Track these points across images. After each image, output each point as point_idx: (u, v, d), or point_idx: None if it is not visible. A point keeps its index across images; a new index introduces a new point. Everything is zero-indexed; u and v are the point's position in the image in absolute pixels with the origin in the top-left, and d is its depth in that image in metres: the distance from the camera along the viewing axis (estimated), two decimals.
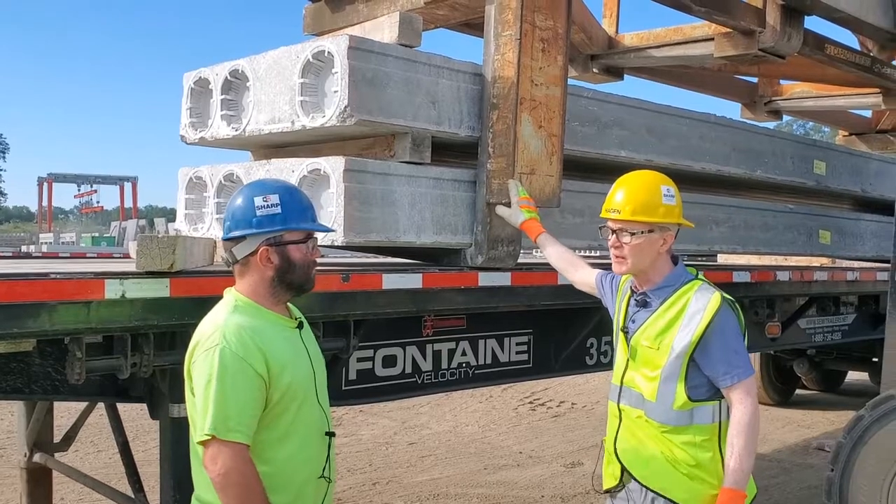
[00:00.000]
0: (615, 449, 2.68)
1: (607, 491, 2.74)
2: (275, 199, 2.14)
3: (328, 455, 2.24)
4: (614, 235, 2.62)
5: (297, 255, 2.17)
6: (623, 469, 2.65)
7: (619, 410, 2.68)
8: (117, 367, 2.70)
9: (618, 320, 2.75)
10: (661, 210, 2.57)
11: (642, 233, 2.56)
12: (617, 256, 2.63)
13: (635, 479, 2.61)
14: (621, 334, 2.70)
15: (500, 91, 3.42)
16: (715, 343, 2.48)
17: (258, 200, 2.13)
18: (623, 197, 2.60)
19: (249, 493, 1.99)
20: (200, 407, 2.01)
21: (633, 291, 2.70)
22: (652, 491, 2.57)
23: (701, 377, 2.51)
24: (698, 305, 2.51)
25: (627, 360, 2.66)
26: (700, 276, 2.64)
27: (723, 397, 2.52)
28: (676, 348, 2.50)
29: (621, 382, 2.68)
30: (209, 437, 1.98)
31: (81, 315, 2.45)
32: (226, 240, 2.18)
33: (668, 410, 2.52)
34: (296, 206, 2.18)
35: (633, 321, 2.66)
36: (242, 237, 2.14)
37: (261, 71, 3.43)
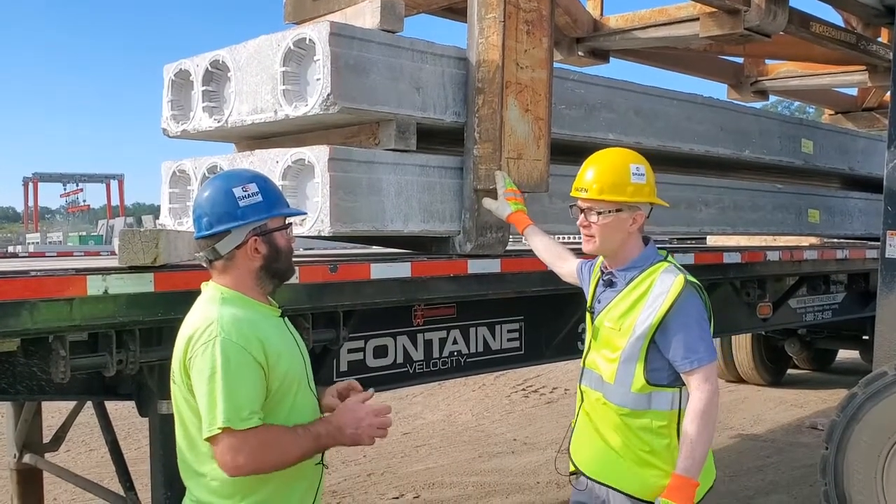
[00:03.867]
0: (570, 444, 2.67)
1: (572, 473, 2.72)
2: (253, 187, 2.10)
3: None
4: (583, 214, 2.59)
5: (282, 242, 2.16)
6: None
7: (581, 392, 2.65)
8: (103, 365, 2.65)
9: (587, 301, 2.72)
10: (629, 189, 2.54)
11: (610, 212, 2.54)
12: (586, 235, 2.60)
13: (586, 476, 2.60)
14: (588, 315, 2.68)
15: (484, 75, 3.38)
16: (676, 326, 2.43)
17: (237, 191, 2.09)
18: (592, 176, 2.57)
19: (282, 455, 2.00)
20: (206, 401, 1.96)
21: (602, 272, 2.67)
22: (603, 485, 2.55)
23: (661, 360, 2.47)
24: (662, 287, 2.46)
25: (591, 341, 2.64)
26: (669, 258, 2.59)
27: (684, 384, 2.47)
28: (637, 330, 2.46)
29: (584, 364, 2.66)
30: (220, 431, 1.93)
31: (64, 312, 2.40)
32: (207, 237, 2.11)
33: (626, 393, 2.48)
34: (273, 193, 2.16)
35: (599, 301, 2.63)
36: (227, 231, 2.09)
37: (242, 61, 3.37)
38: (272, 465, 2.01)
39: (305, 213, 2.36)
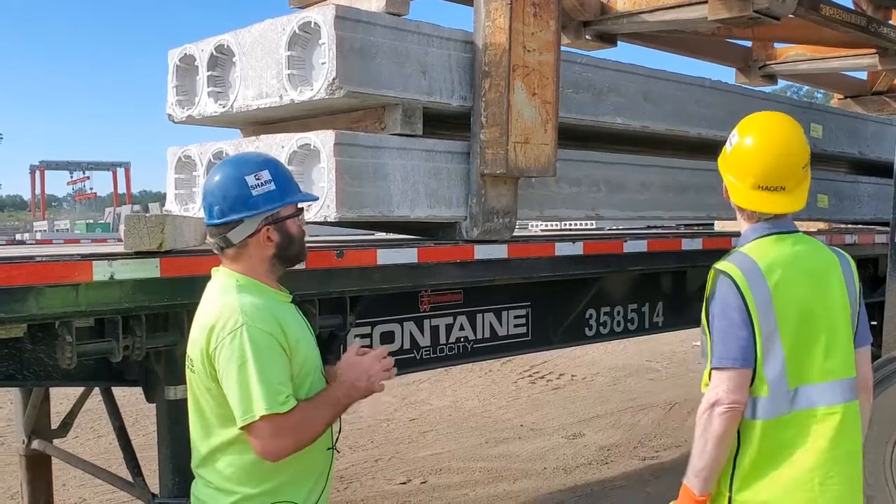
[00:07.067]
0: None
1: None
2: (266, 175, 2.08)
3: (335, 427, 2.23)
4: None
5: (294, 229, 2.15)
6: None
7: None
8: (109, 351, 2.65)
9: None
10: (723, 152, 2.42)
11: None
12: None
13: None
14: None
15: (491, 58, 3.35)
16: (709, 320, 2.22)
17: (251, 179, 2.06)
18: None
19: (314, 428, 2.03)
20: (238, 390, 1.95)
21: None
22: None
23: None
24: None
25: None
26: (751, 244, 2.28)
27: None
28: (702, 322, 2.28)
29: None
30: (260, 418, 1.94)
31: (70, 298, 2.40)
32: (219, 224, 2.09)
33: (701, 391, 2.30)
34: (285, 179, 2.15)
35: None
36: (239, 220, 2.07)
37: (247, 45, 3.35)
38: (307, 441, 2.03)
39: (317, 198, 2.35)
